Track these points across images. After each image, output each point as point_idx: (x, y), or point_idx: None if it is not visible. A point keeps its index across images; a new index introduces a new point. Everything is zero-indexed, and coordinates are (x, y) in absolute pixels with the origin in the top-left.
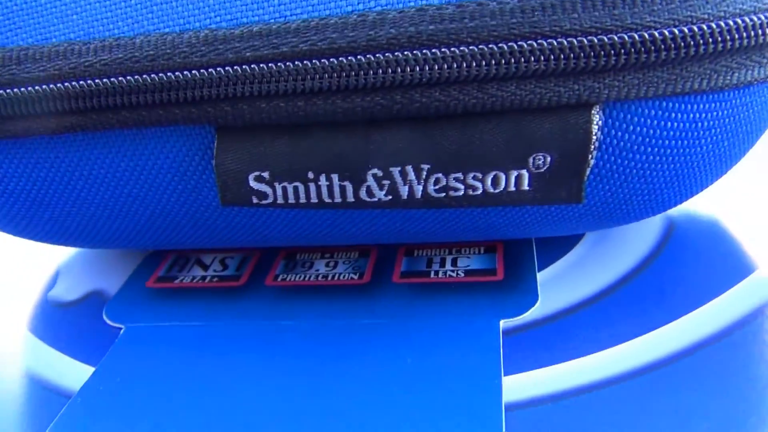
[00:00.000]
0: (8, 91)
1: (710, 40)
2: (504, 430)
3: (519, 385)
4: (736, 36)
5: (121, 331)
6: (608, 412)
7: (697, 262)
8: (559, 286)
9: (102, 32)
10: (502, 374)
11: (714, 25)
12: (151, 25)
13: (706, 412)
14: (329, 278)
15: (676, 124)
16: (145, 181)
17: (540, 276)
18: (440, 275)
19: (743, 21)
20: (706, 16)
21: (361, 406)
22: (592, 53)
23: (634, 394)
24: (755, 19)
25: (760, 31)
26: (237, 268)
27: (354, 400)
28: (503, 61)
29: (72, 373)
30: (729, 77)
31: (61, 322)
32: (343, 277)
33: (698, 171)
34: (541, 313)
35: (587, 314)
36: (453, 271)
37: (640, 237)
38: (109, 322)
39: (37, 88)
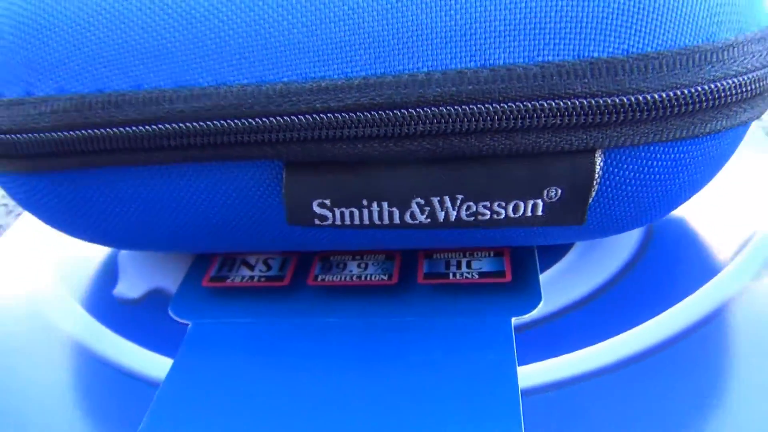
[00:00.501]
0: (107, 130)
1: (690, 101)
2: (521, 411)
3: (531, 374)
4: (710, 98)
5: (188, 326)
6: (606, 395)
7: (672, 264)
8: (558, 287)
9: (189, 81)
10: (517, 364)
11: (693, 90)
12: (231, 76)
13: (685, 393)
14: (362, 278)
15: (660, 163)
16: (221, 203)
17: (541, 278)
18: (458, 276)
19: (716, 86)
20: (687, 83)
21: (395, 393)
22: (598, 111)
23: (627, 380)
24: (725, 83)
25: (728, 93)
26: (280, 268)
27: (389, 388)
28: (527, 117)
29: (148, 361)
30: (703, 128)
31: (130, 317)
32: (375, 278)
33: (676, 195)
34: (544, 311)
35: (583, 312)
36: (468, 272)
37: (624, 243)
38: (175, 318)
39: (134, 129)
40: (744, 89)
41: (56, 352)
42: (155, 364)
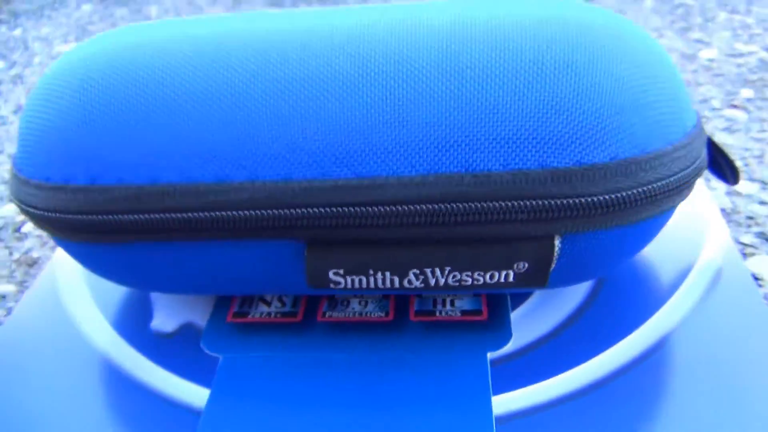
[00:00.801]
0: (160, 215)
1: (627, 201)
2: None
3: (504, 402)
4: (644, 197)
5: (219, 360)
6: (571, 419)
7: (622, 300)
8: (526, 324)
9: (229, 176)
10: (491, 394)
11: (630, 192)
12: (264, 173)
13: (640, 414)
14: (363, 315)
15: (605, 243)
16: (252, 269)
17: (512, 315)
18: (443, 314)
19: (648, 188)
20: (625, 187)
21: (389, 419)
22: (557, 209)
23: (589, 405)
24: (656, 185)
25: (658, 191)
26: (292, 305)
27: (384, 415)
28: (502, 213)
29: (185, 389)
30: (637, 217)
31: (168, 349)
32: (373, 314)
33: (619, 261)
34: (515, 347)
35: (548, 346)
36: (452, 310)
37: (580, 285)
38: (207, 352)
39: (182, 215)
40: (671, 186)
41: (100, 378)
42: (192, 392)
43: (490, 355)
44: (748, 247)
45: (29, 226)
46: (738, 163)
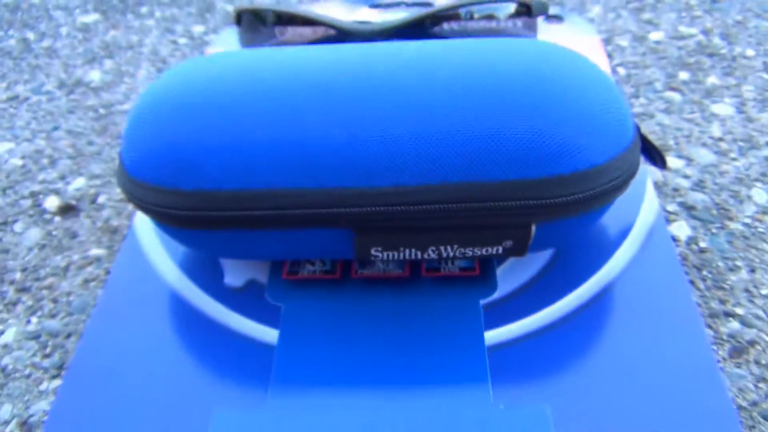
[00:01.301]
0: (248, 213)
1: (582, 201)
2: (486, 360)
3: (492, 336)
4: (594, 197)
5: (281, 308)
6: (545, 345)
7: (579, 257)
8: (508, 277)
9: (299, 184)
10: (483, 330)
11: (583, 195)
12: (326, 182)
13: (596, 341)
14: (386, 272)
15: (566, 225)
16: (312, 245)
17: (498, 270)
18: (446, 270)
19: (597, 191)
20: (580, 191)
21: (408, 351)
22: (534, 208)
23: (558, 335)
24: (603, 188)
25: (605, 193)
26: (332, 265)
27: (405, 348)
28: (497, 209)
29: (260, 330)
30: (589, 209)
31: (241, 299)
32: (394, 271)
33: (576, 236)
34: (499, 295)
35: (525, 294)
36: (453, 268)
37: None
38: (271, 301)
39: (264, 212)
40: (616, 186)
41: (196, 326)
42: (264, 332)
43: (481, 302)
44: (671, 214)
45: (103, 198)
46: (670, 142)
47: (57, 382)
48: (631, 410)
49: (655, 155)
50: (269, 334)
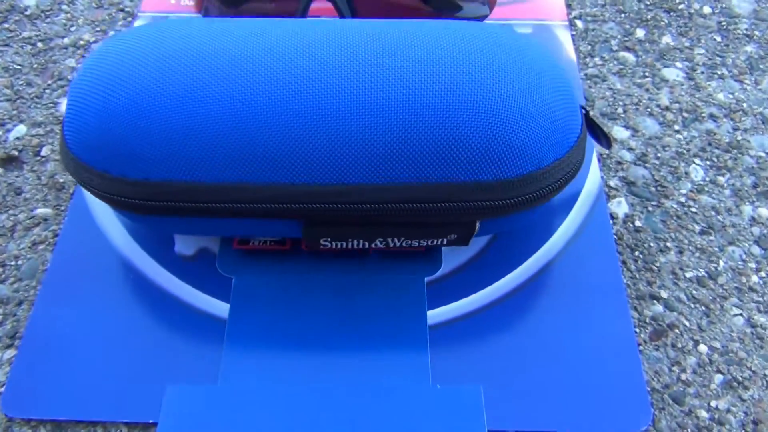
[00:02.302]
0: (197, 204)
1: (527, 201)
2: (428, 338)
3: (435, 315)
4: (539, 197)
5: (233, 280)
6: (484, 324)
7: (520, 236)
8: (451, 256)
9: (252, 178)
10: (426, 308)
11: (529, 196)
12: (274, 178)
13: (535, 321)
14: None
15: (508, 220)
16: (262, 231)
17: (443, 249)
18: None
19: (541, 192)
20: (526, 192)
21: (355, 324)
22: (481, 209)
23: (498, 314)
24: (547, 189)
25: (549, 193)
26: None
27: (352, 320)
28: (444, 210)
29: (211, 302)
30: (532, 207)
31: (192, 269)
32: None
33: (517, 226)
34: (444, 271)
35: (468, 271)
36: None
37: None
38: (222, 272)
39: (214, 205)
40: (560, 186)
41: (147, 297)
42: (215, 305)
43: (426, 279)
44: (612, 189)
45: (47, 150)
46: (619, 110)
47: (11, 353)
48: (553, 390)
49: (600, 136)
50: (221, 308)
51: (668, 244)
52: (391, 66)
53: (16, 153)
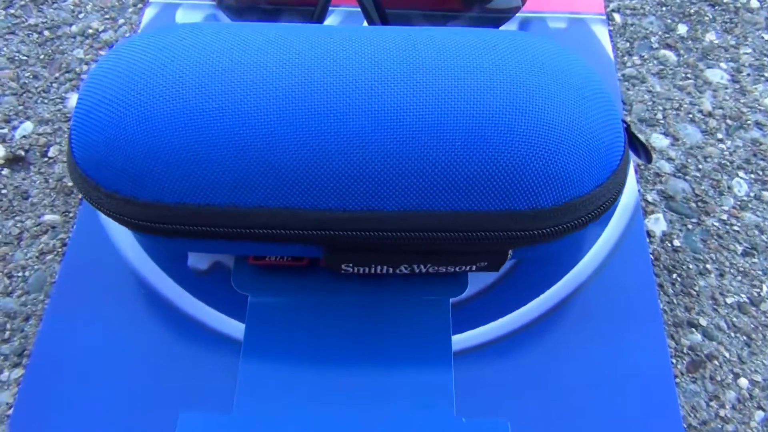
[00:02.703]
0: (212, 228)
1: (563, 231)
2: (453, 365)
3: (460, 340)
4: (575, 227)
5: (248, 298)
6: (517, 351)
7: (547, 261)
8: (478, 277)
9: (269, 203)
10: (451, 332)
11: (566, 226)
12: (292, 203)
13: (564, 344)
14: None
15: (542, 248)
16: (281, 254)
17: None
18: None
19: (579, 222)
20: (563, 222)
21: (378, 347)
22: (514, 238)
23: (530, 338)
24: (584, 219)
25: (586, 222)
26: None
27: (374, 343)
28: (475, 239)
29: (226, 322)
30: (566, 235)
31: (204, 284)
32: None
33: (551, 253)
34: (470, 292)
35: (495, 293)
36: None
37: None
38: (237, 290)
39: (229, 230)
40: (598, 214)
41: (160, 314)
42: (230, 325)
43: (452, 300)
44: (649, 204)
45: (55, 150)
46: (658, 116)
47: (18, 372)
48: (584, 425)
49: (640, 150)
50: (235, 327)
51: (708, 266)
52: (421, 86)
53: (22, 153)
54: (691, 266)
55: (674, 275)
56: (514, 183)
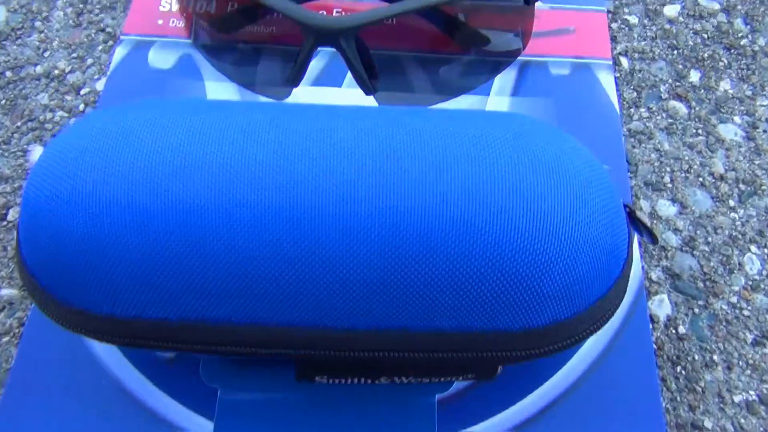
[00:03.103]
0: (178, 344)
1: (555, 349)
2: None
3: None
4: (569, 344)
5: (218, 392)
6: None
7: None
8: None
9: (239, 320)
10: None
11: (559, 345)
12: (250, 317)
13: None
14: None
15: (534, 363)
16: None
17: None
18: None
19: (572, 341)
20: (556, 341)
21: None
22: (503, 358)
23: None
24: (579, 337)
25: (580, 339)
26: None
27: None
28: (460, 360)
29: (193, 419)
30: (559, 350)
31: (170, 374)
32: None
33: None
34: (457, 388)
35: (484, 389)
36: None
37: None
38: (206, 382)
39: (200, 346)
40: (593, 330)
41: (122, 410)
42: (195, 421)
43: (437, 396)
44: (653, 284)
45: (14, 213)
46: (666, 178)
47: None
48: None
49: (644, 232)
50: (203, 426)
51: (715, 357)
52: (400, 189)
53: None
54: (696, 357)
55: (678, 368)
56: (502, 301)
